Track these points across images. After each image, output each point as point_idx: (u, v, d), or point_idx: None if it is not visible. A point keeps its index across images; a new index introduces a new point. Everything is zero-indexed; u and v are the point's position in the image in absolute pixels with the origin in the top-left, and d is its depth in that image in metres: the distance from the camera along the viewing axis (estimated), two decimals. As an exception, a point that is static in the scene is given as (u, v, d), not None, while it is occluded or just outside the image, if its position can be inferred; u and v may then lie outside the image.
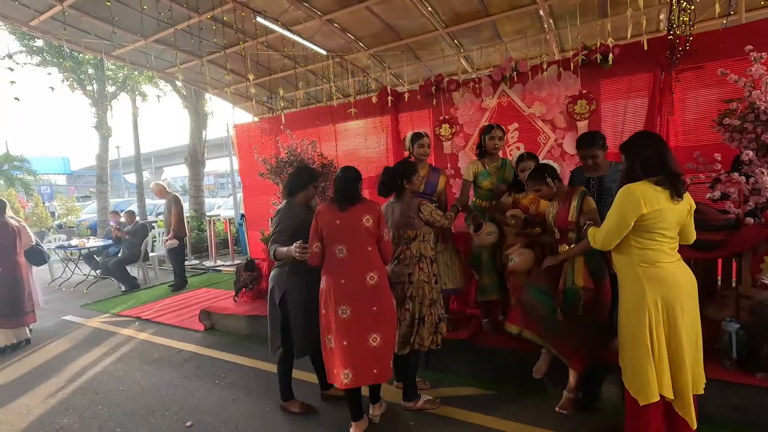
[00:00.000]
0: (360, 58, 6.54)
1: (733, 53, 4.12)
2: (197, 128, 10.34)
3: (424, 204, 2.69)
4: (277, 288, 2.62)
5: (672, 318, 1.93)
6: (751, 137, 3.02)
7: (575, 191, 2.56)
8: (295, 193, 2.69)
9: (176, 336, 4.48)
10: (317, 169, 2.89)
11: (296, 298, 2.56)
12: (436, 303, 2.71)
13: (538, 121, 5.30)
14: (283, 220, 2.56)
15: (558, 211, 2.60)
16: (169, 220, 6.39)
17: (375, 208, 2.44)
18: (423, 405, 2.73)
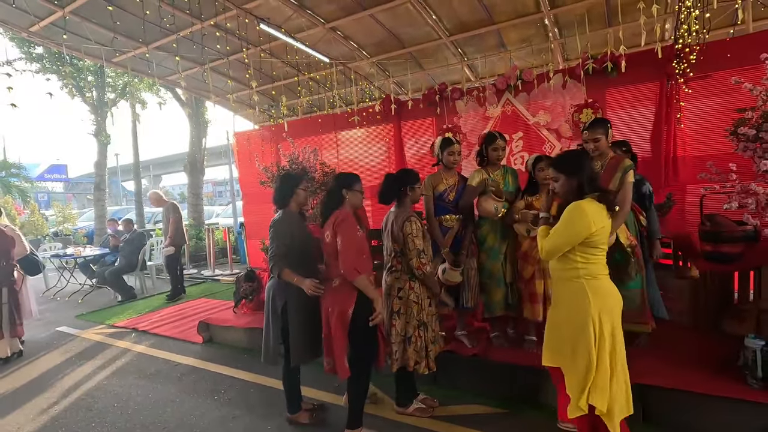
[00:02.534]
0: (363, 66, 6.50)
1: (740, 63, 4.09)
2: (197, 136, 10.27)
3: (411, 220, 2.57)
4: (277, 297, 2.60)
5: (616, 329, 1.99)
6: (766, 147, 2.94)
7: (621, 162, 2.62)
8: (286, 202, 2.66)
9: (174, 348, 4.34)
10: (298, 171, 2.83)
11: (296, 307, 2.55)
12: (426, 326, 2.65)
13: (543, 129, 5.26)
14: (279, 232, 2.54)
15: (602, 175, 2.62)
16: (167, 229, 6.29)
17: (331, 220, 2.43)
18: (413, 411, 2.76)
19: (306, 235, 2.65)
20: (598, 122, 2.75)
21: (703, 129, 4.35)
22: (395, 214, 2.67)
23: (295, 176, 2.75)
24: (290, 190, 2.65)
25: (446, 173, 3.20)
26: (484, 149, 3.14)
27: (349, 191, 2.50)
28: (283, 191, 2.66)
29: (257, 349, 4.04)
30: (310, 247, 2.64)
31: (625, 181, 2.57)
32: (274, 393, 3.23)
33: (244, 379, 3.51)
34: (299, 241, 2.56)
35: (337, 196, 2.50)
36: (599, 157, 2.77)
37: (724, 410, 2.30)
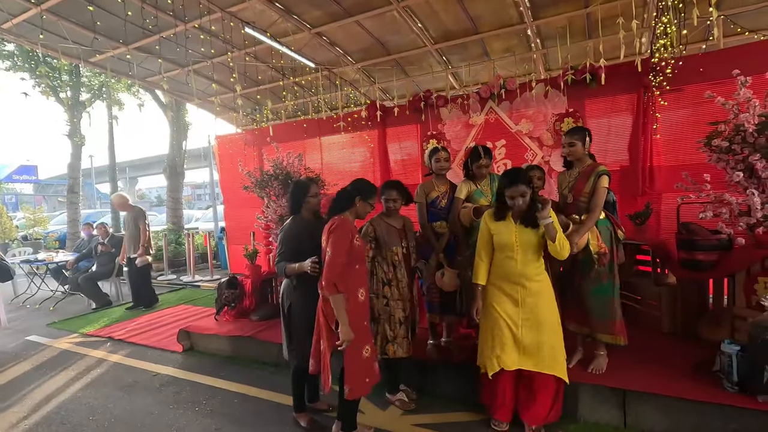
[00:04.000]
0: (348, 71, 6.51)
1: (711, 77, 4.26)
2: (177, 139, 10.06)
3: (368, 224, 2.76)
4: (286, 298, 2.70)
5: None
6: (738, 158, 3.07)
7: (596, 167, 2.72)
8: (297, 209, 2.74)
9: (152, 358, 4.21)
10: (309, 178, 2.87)
11: (300, 309, 2.62)
12: (378, 322, 2.78)
13: (525, 138, 5.35)
14: (286, 236, 2.63)
15: (576, 181, 2.79)
16: (135, 235, 6.01)
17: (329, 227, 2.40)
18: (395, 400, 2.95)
19: (317, 238, 2.55)
20: (575, 129, 2.86)
21: (676, 140, 4.51)
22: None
23: (304, 185, 2.77)
24: (300, 199, 2.71)
25: (438, 181, 3.23)
26: (468, 164, 3.16)
27: (362, 201, 2.49)
28: (293, 200, 2.75)
29: (241, 358, 3.99)
30: (315, 248, 2.58)
31: (597, 186, 2.64)
32: (259, 403, 3.17)
33: (227, 389, 3.43)
34: (308, 245, 2.54)
35: (348, 199, 2.48)
36: (577, 163, 2.85)
37: (701, 414, 2.37)
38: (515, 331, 2.45)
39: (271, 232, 5.23)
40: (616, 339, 2.68)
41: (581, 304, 2.78)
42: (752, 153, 2.98)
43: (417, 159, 5.98)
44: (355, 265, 2.38)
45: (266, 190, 5.25)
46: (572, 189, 2.81)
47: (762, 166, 2.91)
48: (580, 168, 2.81)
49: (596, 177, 2.66)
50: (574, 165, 2.87)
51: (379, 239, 2.83)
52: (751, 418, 2.27)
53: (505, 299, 2.47)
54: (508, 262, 2.45)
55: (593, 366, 2.78)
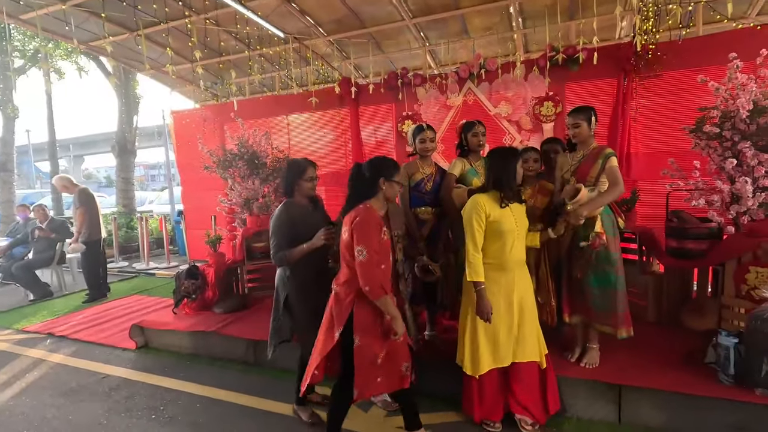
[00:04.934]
0: (319, 44, 6.05)
1: (690, 64, 4.24)
2: (127, 113, 9.20)
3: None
4: (281, 289, 2.54)
5: None
6: (727, 145, 3.01)
7: (603, 149, 2.57)
8: (290, 192, 2.53)
9: (100, 357, 3.76)
10: (306, 160, 2.54)
11: (299, 299, 2.49)
12: None
13: (504, 121, 5.19)
14: (277, 226, 2.43)
15: (581, 164, 2.62)
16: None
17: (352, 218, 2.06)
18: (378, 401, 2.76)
19: (314, 224, 2.44)
20: (580, 109, 2.66)
21: (654, 126, 4.49)
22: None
23: (300, 166, 2.52)
24: (293, 181, 2.50)
25: (422, 162, 2.98)
26: (463, 137, 2.95)
27: (387, 181, 2.15)
28: (286, 181, 2.54)
29: (203, 356, 3.63)
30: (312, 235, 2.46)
31: (608, 166, 2.51)
32: (226, 408, 2.85)
33: (190, 391, 3.08)
34: (304, 230, 2.41)
35: (370, 184, 2.14)
36: (581, 145, 2.69)
37: (698, 408, 2.30)
38: (510, 324, 2.31)
39: (235, 217, 4.82)
40: (617, 331, 2.53)
41: (580, 292, 2.64)
42: (741, 140, 2.92)
43: (392, 140, 5.71)
44: (381, 264, 2.05)
45: (230, 171, 4.82)
46: (575, 172, 2.63)
47: (752, 154, 2.86)
48: (585, 150, 2.64)
49: (605, 159, 2.51)
50: (578, 147, 2.69)
51: None
52: (748, 411, 2.21)
53: (498, 291, 2.29)
54: (505, 249, 2.26)
55: (586, 360, 2.66)
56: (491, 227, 2.26)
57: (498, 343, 2.32)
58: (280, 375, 3.25)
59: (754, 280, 2.60)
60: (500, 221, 2.24)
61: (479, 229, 2.25)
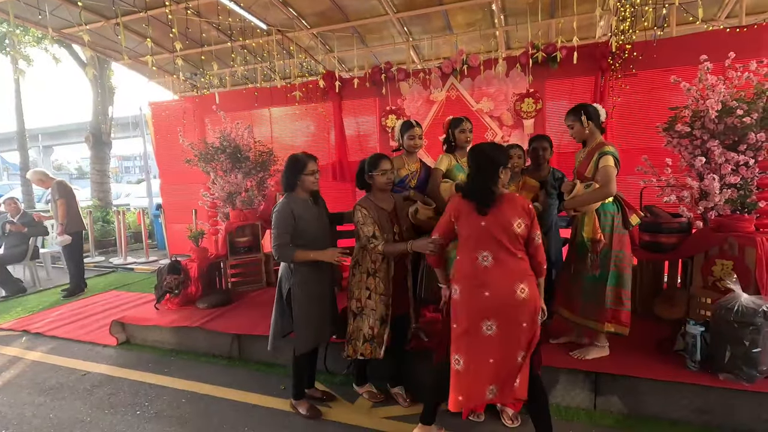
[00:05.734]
0: (302, 37, 6.00)
1: (663, 64, 4.41)
2: (102, 103, 8.91)
3: (356, 209, 2.50)
4: (285, 281, 2.52)
5: None
6: (697, 143, 3.16)
7: (601, 146, 2.58)
8: (291, 187, 2.51)
9: (80, 354, 3.70)
10: (307, 154, 2.55)
11: (300, 295, 2.48)
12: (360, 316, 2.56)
13: (486, 117, 5.28)
14: (279, 219, 2.41)
15: (582, 161, 2.68)
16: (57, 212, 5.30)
17: (524, 206, 2.00)
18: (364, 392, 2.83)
19: (317, 218, 2.54)
20: (571, 110, 2.73)
21: (628, 124, 4.65)
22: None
23: (300, 161, 2.48)
24: (295, 176, 2.47)
25: (408, 158, 3.01)
26: (450, 133, 2.98)
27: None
28: (287, 176, 2.50)
29: (187, 351, 3.61)
30: (320, 230, 2.56)
31: (600, 165, 2.51)
32: (211, 403, 2.85)
33: (174, 387, 3.06)
34: (306, 225, 2.45)
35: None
36: (587, 142, 2.74)
37: (667, 393, 2.44)
38: None
39: (218, 211, 4.77)
40: (598, 326, 2.61)
41: (574, 289, 2.73)
42: (710, 139, 3.06)
43: (375, 135, 5.72)
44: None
45: (212, 165, 4.75)
46: (577, 169, 2.72)
47: (719, 152, 3.00)
48: (589, 147, 2.70)
49: (600, 155, 2.53)
50: (586, 144, 2.75)
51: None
52: (713, 395, 2.36)
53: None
54: None
55: (578, 353, 2.71)
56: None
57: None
58: (265, 369, 3.27)
59: (720, 272, 2.75)
60: None
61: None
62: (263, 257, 4.63)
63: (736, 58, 3.02)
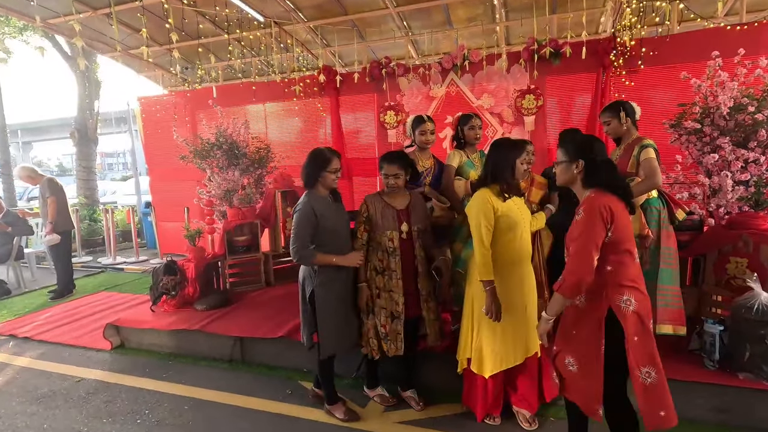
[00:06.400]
0: (298, 31, 5.85)
1: (667, 60, 4.39)
2: (89, 98, 8.62)
3: (362, 203, 2.48)
4: (307, 282, 2.44)
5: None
6: (706, 140, 3.13)
7: (639, 141, 2.56)
8: (312, 183, 2.43)
9: (72, 359, 3.53)
10: (331, 150, 2.48)
11: (323, 296, 2.40)
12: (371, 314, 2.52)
13: (486, 113, 5.21)
14: (300, 219, 2.34)
15: (620, 158, 2.64)
16: (46, 211, 5.10)
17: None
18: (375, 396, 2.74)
19: (337, 216, 2.48)
20: (609, 106, 2.74)
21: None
22: None
23: (324, 157, 2.41)
24: (317, 172, 2.40)
25: (421, 155, 2.93)
26: (460, 130, 2.92)
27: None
28: (308, 172, 2.42)
29: (185, 355, 3.48)
30: (341, 229, 2.49)
31: (642, 158, 2.49)
32: (216, 409, 2.74)
33: (175, 393, 2.94)
34: (326, 223, 2.39)
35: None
36: (623, 139, 2.73)
37: (685, 392, 2.39)
38: (520, 322, 2.30)
39: (215, 209, 4.62)
40: (656, 327, 2.52)
41: None
42: (720, 136, 3.04)
43: (374, 132, 5.62)
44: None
45: (208, 161, 4.59)
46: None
47: (730, 149, 2.98)
48: (626, 144, 2.68)
49: (640, 149, 2.51)
50: (622, 141, 2.74)
51: (372, 220, 2.46)
52: (731, 394, 2.34)
53: (509, 288, 2.26)
54: (514, 243, 2.24)
55: None
56: (500, 221, 2.20)
57: (509, 342, 2.29)
58: (269, 372, 3.18)
59: (734, 270, 2.73)
60: (508, 214, 2.20)
61: (487, 226, 2.17)
62: (262, 257, 4.50)
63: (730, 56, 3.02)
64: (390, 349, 2.46)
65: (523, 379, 2.43)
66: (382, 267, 2.45)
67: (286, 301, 3.98)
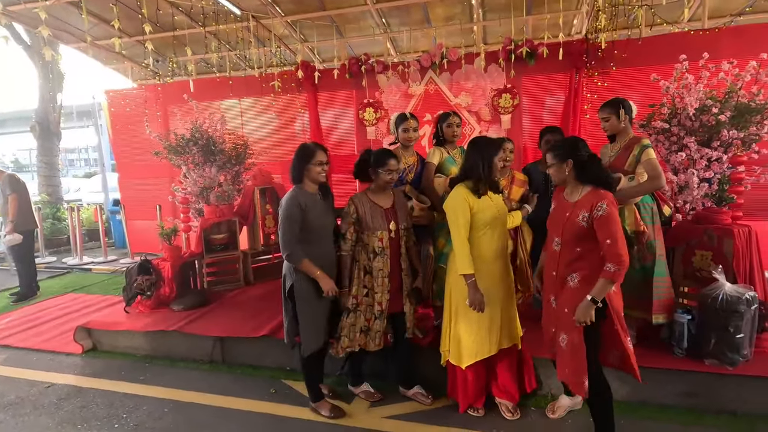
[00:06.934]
0: (275, 25, 5.75)
1: (636, 63, 4.57)
2: (52, 90, 8.20)
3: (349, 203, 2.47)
4: (288, 277, 2.44)
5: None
6: (673, 140, 3.30)
7: (639, 140, 2.61)
8: (299, 177, 2.42)
9: (40, 364, 3.37)
10: (316, 143, 2.49)
11: (304, 291, 2.40)
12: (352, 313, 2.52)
13: (464, 111, 5.28)
14: (286, 214, 2.34)
15: (617, 156, 2.69)
16: (6, 209, 4.83)
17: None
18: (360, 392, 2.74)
19: (324, 213, 2.47)
20: (608, 103, 2.75)
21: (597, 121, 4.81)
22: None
23: (308, 150, 2.41)
24: (302, 166, 2.39)
25: (404, 152, 2.95)
26: (439, 128, 2.97)
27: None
28: (294, 166, 2.42)
29: (162, 357, 3.38)
30: (327, 226, 2.50)
31: (644, 159, 2.55)
32: (199, 410, 2.68)
33: (154, 396, 2.85)
34: (313, 218, 2.38)
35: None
36: (619, 137, 2.77)
37: (656, 379, 2.53)
38: (495, 313, 2.37)
39: (190, 207, 4.49)
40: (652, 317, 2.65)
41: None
42: (687, 135, 3.20)
43: (353, 128, 5.60)
44: None
45: (183, 158, 4.47)
46: (612, 163, 2.73)
47: (695, 149, 3.15)
48: (622, 142, 2.73)
49: (640, 150, 2.57)
50: (617, 138, 2.78)
51: (362, 221, 2.45)
52: (699, 380, 2.48)
53: (486, 281, 2.31)
54: (490, 239, 2.31)
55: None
56: (476, 218, 2.27)
57: (483, 334, 2.36)
58: (252, 372, 3.13)
59: (700, 262, 2.88)
60: (484, 211, 2.27)
61: (465, 222, 2.24)
62: (241, 255, 4.42)
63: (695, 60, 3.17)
64: (368, 344, 2.51)
65: (504, 371, 2.51)
66: (371, 266, 2.45)
67: (267, 299, 3.93)
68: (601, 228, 1.90)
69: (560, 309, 2.07)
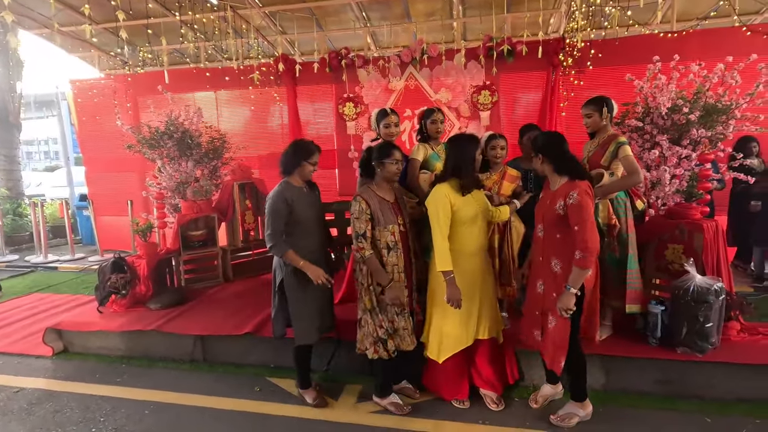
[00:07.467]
0: (253, 16, 5.61)
1: (611, 62, 4.72)
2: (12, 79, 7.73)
3: (356, 199, 2.39)
4: (277, 272, 2.48)
5: None
6: (646, 137, 3.43)
7: (615, 137, 2.68)
8: (290, 171, 2.46)
9: (7, 368, 3.20)
10: (315, 144, 2.52)
11: (294, 285, 2.44)
12: (374, 313, 2.40)
13: (444, 107, 5.32)
14: (274, 208, 2.36)
15: (594, 152, 2.76)
16: None
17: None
18: (388, 405, 2.56)
19: (311, 206, 2.50)
20: (592, 100, 2.80)
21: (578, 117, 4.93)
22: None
23: (308, 148, 2.47)
24: (297, 161, 2.44)
25: None
26: (423, 124, 2.98)
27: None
28: (288, 160, 2.46)
29: (140, 357, 3.27)
30: (315, 218, 2.53)
31: (621, 155, 2.61)
32: (181, 411, 2.61)
33: (131, 398, 2.76)
34: (299, 210, 2.41)
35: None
36: (598, 133, 2.83)
37: (632, 369, 2.65)
38: (473, 307, 2.41)
39: (165, 202, 4.35)
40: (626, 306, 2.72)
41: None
42: (659, 133, 3.33)
43: (332, 123, 5.54)
44: None
45: (158, 151, 4.31)
46: (590, 159, 2.80)
47: (667, 146, 3.28)
48: (601, 138, 2.78)
49: (616, 147, 2.63)
50: (596, 135, 2.84)
51: (375, 217, 2.37)
52: (672, 367, 2.60)
53: (464, 276, 2.34)
54: (471, 235, 2.35)
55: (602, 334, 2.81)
56: (457, 215, 2.30)
57: (458, 327, 2.41)
58: (235, 370, 3.08)
59: (672, 256, 3.01)
60: (464, 209, 2.30)
61: (445, 220, 2.27)
62: (219, 251, 4.32)
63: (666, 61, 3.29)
64: (400, 344, 2.42)
65: (486, 363, 2.56)
66: (383, 263, 2.38)
67: (248, 296, 3.87)
68: (572, 215, 2.07)
69: (548, 293, 2.23)
